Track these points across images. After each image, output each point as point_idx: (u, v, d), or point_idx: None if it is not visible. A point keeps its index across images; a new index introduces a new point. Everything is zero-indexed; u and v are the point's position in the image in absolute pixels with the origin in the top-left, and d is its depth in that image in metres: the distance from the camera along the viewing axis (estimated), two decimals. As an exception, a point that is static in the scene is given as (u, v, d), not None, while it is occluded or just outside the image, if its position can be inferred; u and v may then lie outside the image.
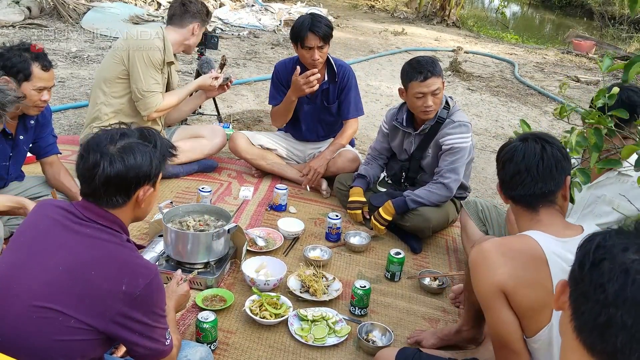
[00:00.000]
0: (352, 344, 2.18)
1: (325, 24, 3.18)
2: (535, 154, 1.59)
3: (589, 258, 0.86)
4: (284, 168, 3.56)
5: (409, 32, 9.58)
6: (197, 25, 3.24)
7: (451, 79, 6.80)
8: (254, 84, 5.73)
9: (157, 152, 1.50)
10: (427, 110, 2.84)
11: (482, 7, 16.00)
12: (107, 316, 1.35)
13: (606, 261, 0.83)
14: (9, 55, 2.34)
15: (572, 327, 0.87)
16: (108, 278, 1.36)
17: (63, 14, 7.28)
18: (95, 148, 1.43)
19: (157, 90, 3.06)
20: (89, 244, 1.40)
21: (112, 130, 1.49)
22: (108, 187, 1.42)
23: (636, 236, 0.85)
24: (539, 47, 9.74)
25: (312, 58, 3.21)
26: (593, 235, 0.89)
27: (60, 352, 1.35)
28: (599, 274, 0.83)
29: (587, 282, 0.85)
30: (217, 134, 3.58)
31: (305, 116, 3.49)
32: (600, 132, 1.27)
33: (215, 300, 2.32)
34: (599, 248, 0.86)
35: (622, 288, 0.80)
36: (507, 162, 1.64)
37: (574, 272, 0.89)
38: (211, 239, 2.38)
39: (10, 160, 2.55)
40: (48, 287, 1.35)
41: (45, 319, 1.33)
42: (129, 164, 1.42)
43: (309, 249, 2.75)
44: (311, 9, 9.22)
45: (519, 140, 1.65)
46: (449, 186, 2.84)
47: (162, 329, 1.46)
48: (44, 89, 2.41)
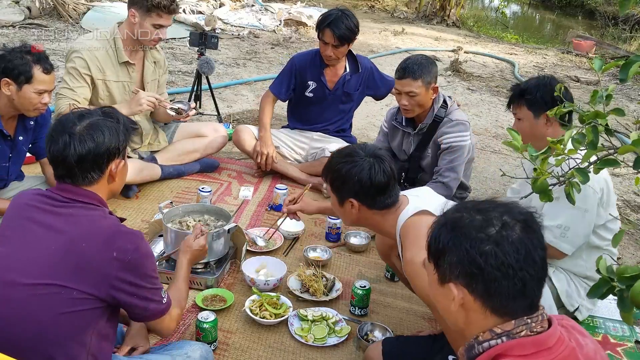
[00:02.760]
0: (352, 344, 2.19)
1: (347, 26, 3.20)
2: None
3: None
4: (286, 166, 3.56)
5: (409, 32, 9.58)
6: (134, 12, 2.94)
7: (451, 79, 6.79)
8: (254, 84, 5.73)
9: (121, 126, 1.57)
10: (403, 109, 2.89)
11: (482, 6, 15.99)
12: (106, 283, 1.42)
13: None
14: (11, 57, 2.33)
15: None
16: (98, 249, 1.42)
17: (63, 14, 7.28)
18: (61, 130, 1.50)
19: (64, 94, 2.92)
20: (74, 221, 1.46)
21: (74, 113, 1.56)
22: (82, 164, 1.49)
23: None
24: (539, 47, 9.74)
25: (324, 53, 3.26)
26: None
27: (68, 325, 1.40)
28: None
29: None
30: (219, 131, 3.58)
31: (322, 105, 3.53)
32: (597, 130, 1.27)
33: (215, 300, 2.32)
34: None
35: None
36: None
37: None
38: (211, 238, 2.39)
39: (10, 161, 2.55)
40: (44, 266, 1.41)
41: (48, 295, 1.39)
42: (98, 140, 1.50)
43: (309, 249, 2.75)
44: (311, 9, 9.23)
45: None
46: (449, 185, 2.84)
47: (156, 289, 1.54)
48: (45, 91, 2.40)
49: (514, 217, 1.10)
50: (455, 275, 1.09)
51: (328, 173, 1.92)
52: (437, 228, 1.15)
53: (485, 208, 1.13)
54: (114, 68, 3.03)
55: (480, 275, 1.06)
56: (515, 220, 1.09)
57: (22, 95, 2.35)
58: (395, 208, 1.88)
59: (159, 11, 2.92)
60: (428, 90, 2.83)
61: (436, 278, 1.15)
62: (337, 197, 1.92)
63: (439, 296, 1.16)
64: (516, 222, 1.09)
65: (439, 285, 1.14)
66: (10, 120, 2.51)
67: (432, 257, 1.15)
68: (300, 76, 3.47)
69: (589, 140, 1.31)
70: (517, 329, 1.06)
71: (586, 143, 1.31)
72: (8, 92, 2.35)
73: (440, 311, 1.18)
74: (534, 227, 1.10)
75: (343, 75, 3.43)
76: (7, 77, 2.32)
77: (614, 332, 2.41)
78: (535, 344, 1.04)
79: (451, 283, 1.10)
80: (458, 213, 1.14)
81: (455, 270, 1.09)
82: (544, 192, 1.32)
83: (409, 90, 2.80)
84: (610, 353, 2.27)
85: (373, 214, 1.89)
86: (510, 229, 1.08)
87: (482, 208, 1.13)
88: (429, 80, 2.82)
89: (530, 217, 1.12)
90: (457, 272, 1.09)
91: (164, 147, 3.41)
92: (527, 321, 1.07)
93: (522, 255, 1.06)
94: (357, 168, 1.83)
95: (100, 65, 2.98)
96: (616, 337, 2.38)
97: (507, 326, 1.07)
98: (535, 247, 1.08)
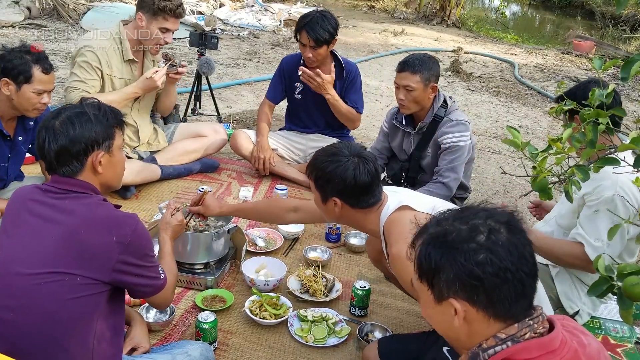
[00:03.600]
0: (352, 344, 2.18)
1: (323, 28, 3.14)
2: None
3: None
4: (285, 167, 3.56)
5: (409, 33, 9.58)
6: (141, 15, 3.01)
7: (451, 79, 6.79)
8: (254, 84, 5.73)
9: (102, 118, 1.57)
10: (400, 103, 2.90)
11: (482, 7, 15.99)
12: (109, 267, 1.46)
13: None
14: (10, 57, 2.33)
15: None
16: (98, 234, 1.46)
17: (63, 14, 7.28)
18: (43, 126, 1.55)
19: (75, 87, 2.97)
20: (71, 210, 1.49)
21: (60, 107, 1.59)
22: (59, 158, 1.53)
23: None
24: (539, 48, 9.74)
25: (304, 55, 3.24)
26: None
27: (74, 311, 1.43)
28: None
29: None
30: (219, 131, 3.58)
31: (308, 106, 3.51)
32: (597, 128, 1.27)
33: (215, 300, 2.32)
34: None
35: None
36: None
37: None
38: (211, 239, 2.38)
39: (9, 161, 2.55)
40: (47, 256, 1.44)
41: (53, 282, 1.42)
42: (70, 134, 1.52)
43: (308, 250, 2.74)
44: (311, 9, 9.22)
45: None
46: (449, 185, 2.84)
47: (155, 266, 1.61)
48: (44, 91, 2.40)
49: (497, 219, 1.10)
50: (455, 291, 1.07)
51: (312, 171, 1.92)
52: (424, 247, 1.12)
53: (466, 216, 1.12)
54: (120, 65, 3.08)
55: (481, 285, 1.05)
56: (499, 223, 1.09)
57: (21, 95, 2.35)
58: (377, 206, 1.89)
59: (165, 15, 2.98)
60: (426, 88, 2.83)
61: (432, 297, 1.12)
62: (320, 195, 1.93)
63: (436, 315, 1.14)
64: (501, 225, 1.09)
65: (435, 304, 1.12)
66: (10, 121, 2.51)
67: (425, 277, 1.12)
68: (288, 78, 3.47)
69: (588, 139, 1.31)
70: (521, 331, 1.05)
71: (585, 142, 1.31)
72: (7, 92, 2.35)
73: (440, 330, 1.16)
74: (518, 225, 1.10)
75: None
76: (7, 77, 2.32)
77: (614, 333, 2.41)
78: (540, 347, 1.04)
79: (451, 299, 1.08)
80: (440, 227, 1.12)
81: (453, 286, 1.07)
82: (543, 191, 1.32)
83: (406, 84, 2.80)
84: (610, 354, 2.27)
85: (356, 212, 1.90)
86: (497, 232, 1.07)
87: (463, 217, 1.12)
88: (428, 78, 2.81)
89: (512, 216, 1.12)
90: (456, 287, 1.06)
91: (163, 148, 3.41)
92: (529, 323, 1.06)
93: (516, 257, 1.05)
94: (342, 168, 1.83)
95: (108, 61, 3.03)
96: (616, 338, 2.38)
97: (511, 330, 1.06)
98: (524, 245, 1.08)
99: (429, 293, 1.12)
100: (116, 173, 1.66)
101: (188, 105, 4.18)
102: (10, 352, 1.36)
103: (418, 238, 1.15)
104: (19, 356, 1.35)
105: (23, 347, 1.41)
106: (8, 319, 1.42)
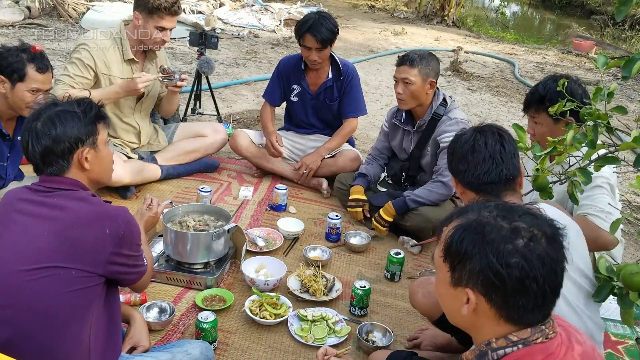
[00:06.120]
0: (352, 344, 2.18)
1: (327, 28, 3.16)
2: (495, 142, 1.61)
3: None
4: (285, 167, 3.56)
5: (409, 32, 9.58)
6: (137, 15, 3.00)
7: (451, 79, 6.79)
8: (254, 83, 5.73)
9: (82, 115, 1.57)
10: (398, 98, 2.90)
11: (482, 6, 15.98)
12: (103, 260, 1.48)
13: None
14: (6, 55, 2.34)
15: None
16: (90, 228, 1.47)
17: (63, 14, 7.29)
18: (25, 128, 1.55)
19: (62, 80, 2.96)
20: (61, 207, 1.50)
21: (39, 108, 1.59)
22: (44, 159, 1.53)
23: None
24: (539, 47, 9.73)
25: (308, 59, 3.23)
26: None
27: (69, 305, 1.44)
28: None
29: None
30: (219, 131, 3.58)
31: (305, 109, 3.51)
32: (597, 129, 1.27)
33: (215, 300, 2.32)
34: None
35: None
36: (469, 151, 1.65)
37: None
38: (211, 239, 2.38)
39: (8, 161, 2.55)
40: (40, 251, 1.45)
41: (47, 277, 1.43)
42: (53, 135, 1.52)
43: (308, 249, 2.74)
44: (311, 9, 9.22)
45: (474, 131, 1.67)
46: (448, 184, 2.84)
47: (140, 255, 1.65)
48: (39, 91, 2.40)
49: (542, 229, 1.07)
50: (474, 283, 1.06)
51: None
52: (459, 230, 1.09)
53: (511, 214, 1.08)
54: (120, 65, 3.08)
55: (502, 287, 1.03)
56: (542, 232, 1.06)
57: (15, 93, 2.35)
58: None
59: (161, 13, 2.96)
60: (425, 84, 2.83)
61: (449, 279, 1.10)
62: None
63: (448, 296, 1.12)
64: (543, 235, 1.06)
65: (449, 286, 1.10)
66: (9, 121, 2.51)
67: (450, 259, 1.10)
68: (285, 80, 3.47)
69: (589, 139, 1.31)
70: (533, 336, 1.05)
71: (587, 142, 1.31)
72: (3, 90, 2.36)
73: (445, 310, 1.15)
74: (560, 241, 1.08)
75: (325, 81, 3.38)
76: (2, 74, 2.33)
77: (615, 330, 2.41)
78: (543, 351, 1.04)
79: (468, 289, 1.07)
80: (481, 217, 1.09)
81: (475, 278, 1.05)
82: (544, 190, 1.32)
83: (404, 77, 2.81)
84: (610, 351, 2.27)
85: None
86: (537, 241, 1.05)
87: (507, 215, 1.08)
88: (426, 72, 2.82)
89: (557, 230, 1.09)
90: (478, 280, 1.05)
91: (164, 147, 3.41)
92: (541, 328, 1.06)
93: (547, 270, 1.04)
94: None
95: (106, 61, 3.02)
96: (617, 335, 2.38)
97: (523, 334, 1.05)
98: (558, 262, 1.06)
99: (448, 274, 1.11)
100: (104, 168, 1.66)
101: (188, 105, 4.18)
102: (6, 349, 1.37)
103: (455, 217, 1.13)
104: (15, 352, 1.35)
105: (19, 344, 1.41)
106: (3, 317, 1.42)
